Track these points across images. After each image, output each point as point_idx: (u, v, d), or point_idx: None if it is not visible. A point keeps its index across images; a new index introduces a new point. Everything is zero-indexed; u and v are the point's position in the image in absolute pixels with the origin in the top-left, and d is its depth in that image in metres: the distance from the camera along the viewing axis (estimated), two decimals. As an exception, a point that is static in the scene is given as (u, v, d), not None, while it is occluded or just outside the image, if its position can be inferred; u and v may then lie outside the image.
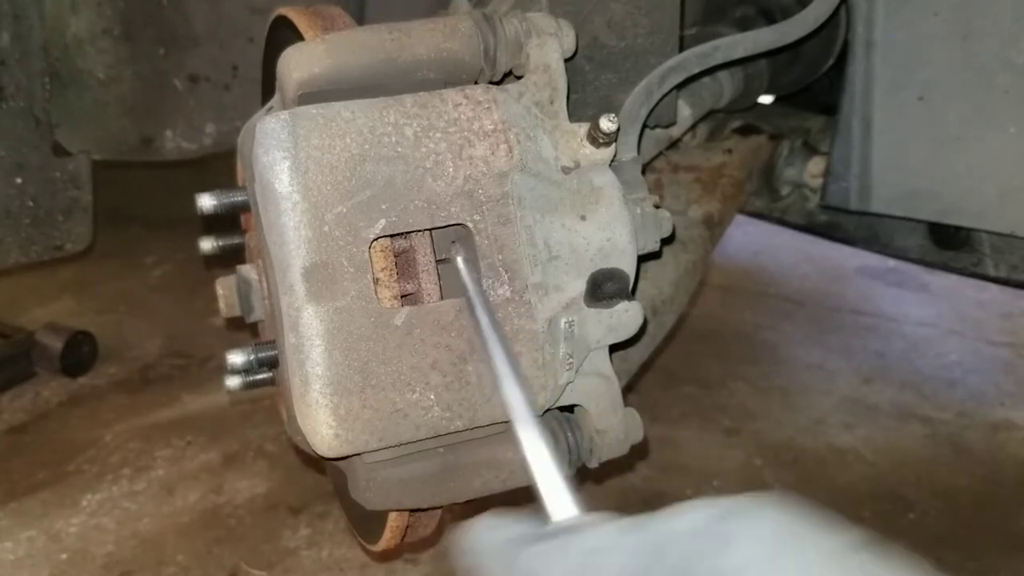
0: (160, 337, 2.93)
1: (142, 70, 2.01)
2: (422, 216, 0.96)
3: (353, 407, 0.94)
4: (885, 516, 2.10)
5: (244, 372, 1.09)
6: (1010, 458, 2.32)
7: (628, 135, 1.16)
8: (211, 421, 2.47)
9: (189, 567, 1.93)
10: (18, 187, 1.85)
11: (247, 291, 1.19)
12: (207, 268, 2.52)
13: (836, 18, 1.52)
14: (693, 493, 2.17)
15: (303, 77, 0.98)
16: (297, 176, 0.92)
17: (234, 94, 2.14)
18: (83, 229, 2.00)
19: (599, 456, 1.11)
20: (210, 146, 2.14)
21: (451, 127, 0.98)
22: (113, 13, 1.94)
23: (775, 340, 2.98)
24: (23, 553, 1.96)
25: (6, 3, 1.77)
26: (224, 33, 2.10)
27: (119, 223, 3.63)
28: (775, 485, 2.20)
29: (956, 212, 1.49)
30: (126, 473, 2.24)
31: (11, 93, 1.80)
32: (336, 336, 0.93)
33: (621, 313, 1.04)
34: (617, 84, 1.28)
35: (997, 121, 1.39)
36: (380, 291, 0.96)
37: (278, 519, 2.08)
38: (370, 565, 1.93)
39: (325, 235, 0.93)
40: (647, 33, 1.27)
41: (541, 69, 1.05)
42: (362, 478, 1.01)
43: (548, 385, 1.02)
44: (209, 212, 1.05)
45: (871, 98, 1.51)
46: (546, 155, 1.03)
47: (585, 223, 1.02)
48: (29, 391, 2.61)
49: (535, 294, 1.00)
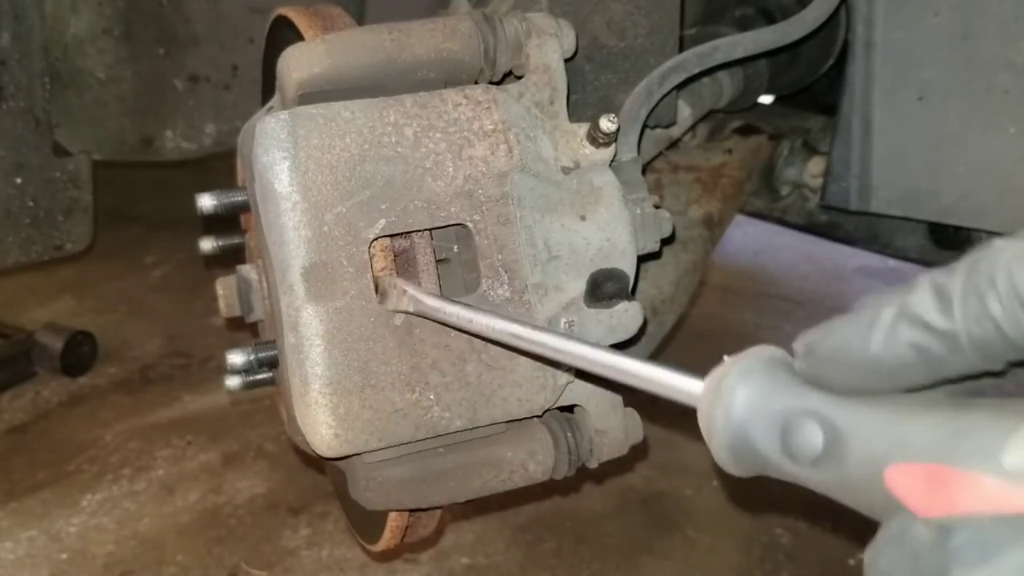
0: (160, 337, 2.93)
1: (142, 70, 2.01)
2: (422, 216, 0.96)
3: (353, 407, 0.94)
4: (885, 516, 2.10)
5: (244, 372, 1.09)
6: (1010, 458, 2.32)
7: (628, 135, 1.16)
8: (211, 421, 2.47)
9: (189, 567, 1.93)
10: (18, 187, 1.85)
11: (247, 291, 1.19)
12: (207, 268, 2.52)
13: (836, 18, 1.52)
14: (693, 493, 2.17)
15: (303, 77, 0.98)
16: (297, 176, 0.92)
17: (234, 94, 2.14)
18: (83, 229, 2.00)
19: (599, 456, 1.10)
20: (210, 146, 2.14)
21: (451, 127, 0.98)
22: (113, 13, 1.94)
23: (775, 340, 2.96)
24: (23, 553, 1.96)
25: (6, 3, 1.77)
26: (224, 33, 2.10)
27: (119, 223, 3.63)
28: (775, 485, 2.20)
29: (956, 212, 1.49)
30: (126, 473, 2.24)
31: (11, 93, 1.80)
32: (336, 336, 0.93)
33: (621, 313, 1.04)
34: (617, 84, 1.28)
35: (997, 121, 1.38)
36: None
37: (278, 519, 2.08)
38: (370, 565, 1.93)
39: (325, 235, 0.93)
40: (647, 33, 1.27)
41: (541, 69, 1.05)
42: (362, 478, 1.01)
43: (548, 385, 1.02)
44: (209, 212, 1.05)
45: (871, 98, 1.51)
46: (546, 155, 1.03)
47: (585, 223, 1.02)
48: (29, 391, 2.61)
49: (535, 294, 1.00)
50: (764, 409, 0.50)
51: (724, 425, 0.51)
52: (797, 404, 0.50)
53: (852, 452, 0.47)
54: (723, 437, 0.52)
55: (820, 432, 0.48)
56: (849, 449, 0.47)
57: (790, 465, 0.50)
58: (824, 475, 0.48)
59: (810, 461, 0.48)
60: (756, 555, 1.97)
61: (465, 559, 1.95)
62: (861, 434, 0.47)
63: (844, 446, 0.47)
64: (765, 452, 0.50)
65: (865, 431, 0.47)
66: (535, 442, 1.06)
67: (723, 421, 0.52)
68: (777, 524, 2.06)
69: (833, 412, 0.48)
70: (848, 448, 0.47)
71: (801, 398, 0.50)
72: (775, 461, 0.50)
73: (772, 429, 0.50)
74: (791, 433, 0.49)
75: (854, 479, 0.47)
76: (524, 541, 2.00)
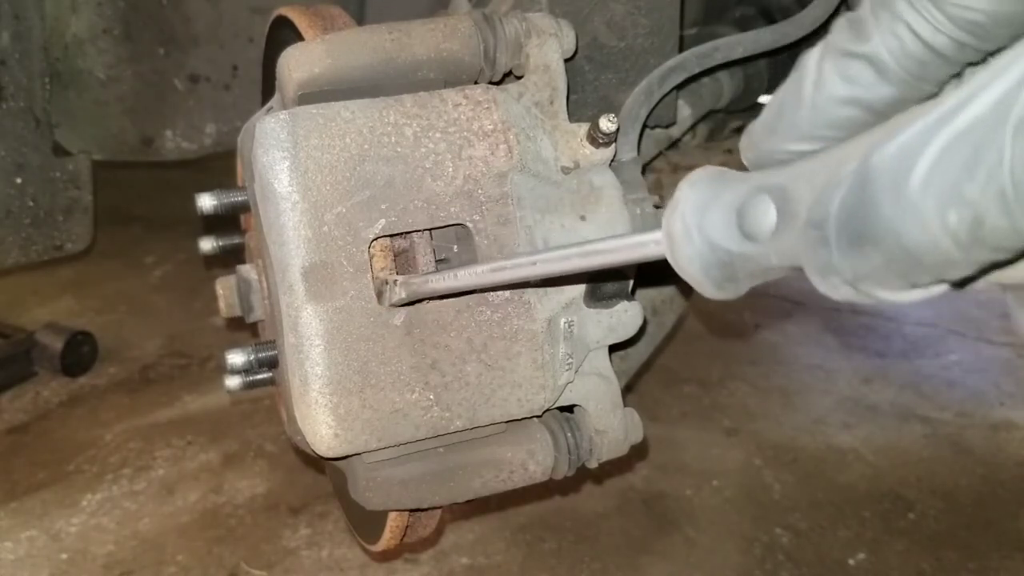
0: (160, 337, 2.93)
1: (142, 70, 2.01)
2: (422, 216, 0.96)
3: (353, 407, 0.94)
4: (885, 516, 2.10)
5: (244, 372, 1.09)
6: (1010, 458, 2.32)
7: (628, 135, 1.16)
8: (211, 421, 2.47)
9: (189, 567, 1.93)
10: (18, 187, 1.85)
11: (247, 291, 1.20)
12: (207, 268, 2.52)
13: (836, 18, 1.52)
14: (693, 493, 2.17)
15: (303, 77, 0.98)
16: (297, 176, 0.92)
17: (234, 94, 2.14)
18: (83, 229, 2.00)
19: (599, 456, 1.10)
20: (210, 146, 2.14)
21: (451, 127, 0.98)
22: (113, 13, 1.95)
23: (775, 340, 2.98)
24: (23, 553, 1.96)
25: (6, 3, 1.77)
26: (224, 33, 2.10)
27: (119, 223, 3.63)
28: (775, 485, 2.20)
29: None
30: (126, 473, 2.24)
31: (11, 93, 1.81)
32: (335, 336, 0.93)
33: (621, 313, 1.04)
34: (617, 84, 1.28)
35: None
36: (380, 291, 0.96)
37: (278, 519, 2.08)
38: (370, 565, 1.93)
39: (325, 235, 0.93)
40: (647, 33, 1.27)
41: (541, 69, 1.05)
42: (362, 478, 1.01)
43: (548, 385, 1.02)
44: (209, 212, 1.05)
45: (871, 98, 1.51)
46: (546, 155, 1.03)
47: (585, 223, 1.02)
48: (29, 391, 2.61)
49: (534, 294, 1.00)
50: (716, 203, 0.50)
51: (683, 234, 0.51)
52: (744, 187, 0.50)
53: (802, 201, 0.46)
54: (687, 249, 0.51)
55: (771, 202, 0.48)
56: (799, 200, 0.47)
57: (753, 248, 0.49)
58: (785, 241, 0.47)
59: (769, 234, 0.48)
60: (756, 555, 1.97)
61: (465, 559, 1.95)
62: (805, 184, 0.46)
63: (795, 203, 0.47)
64: (727, 245, 0.50)
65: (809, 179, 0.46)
66: (535, 442, 1.06)
67: (681, 232, 0.51)
68: (777, 524, 2.06)
69: (777, 178, 0.48)
70: (798, 201, 0.47)
71: (747, 181, 0.50)
72: (739, 250, 0.49)
73: (727, 218, 0.50)
74: (745, 215, 0.49)
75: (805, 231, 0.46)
76: (524, 541, 2.00)
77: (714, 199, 0.50)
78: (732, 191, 0.50)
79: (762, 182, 0.49)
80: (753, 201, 0.49)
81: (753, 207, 0.49)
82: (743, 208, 0.49)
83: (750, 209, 0.49)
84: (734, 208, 0.49)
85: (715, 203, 0.50)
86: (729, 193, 0.50)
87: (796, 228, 0.46)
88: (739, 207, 0.49)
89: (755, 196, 0.49)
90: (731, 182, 0.51)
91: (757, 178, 0.50)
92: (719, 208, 0.50)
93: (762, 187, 0.49)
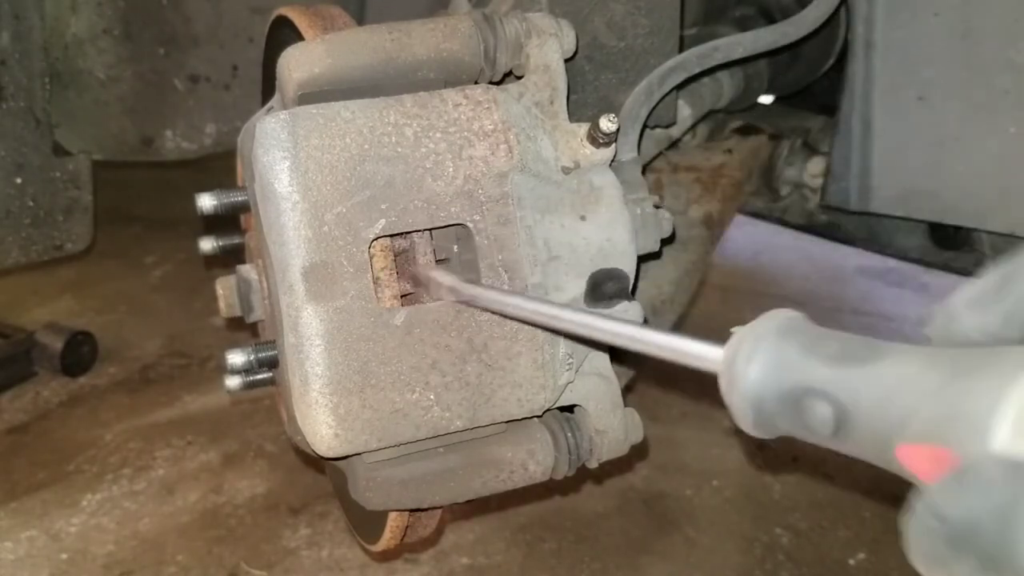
0: (160, 337, 2.93)
1: (142, 70, 2.01)
2: (422, 216, 0.96)
3: (353, 407, 0.94)
4: (885, 516, 2.10)
5: (244, 372, 1.09)
6: (1010, 458, 2.32)
7: (628, 135, 1.16)
8: (211, 421, 2.47)
9: (189, 567, 1.93)
10: (18, 187, 1.85)
11: (247, 291, 1.19)
12: (207, 268, 2.52)
13: (836, 18, 1.52)
14: (693, 493, 2.17)
15: (303, 77, 0.98)
16: (297, 176, 0.92)
17: (234, 94, 2.14)
18: (83, 229, 2.00)
19: (599, 456, 1.10)
20: (210, 146, 2.14)
21: (451, 127, 0.98)
22: (113, 13, 1.94)
23: (775, 340, 2.98)
24: (23, 553, 1.96)
25: (6, 3, 1.77)
26: (224, 33, 2.10)
27: (119, 223, 3.63)
28: (775, 485, 2.20)
29: (956, 212, 1.49)
30: (126, 473, 2.24)
31: (11, 93, 1.80)
32: (336, 336, 0.93)
33: (621, 313, 1.04)
34: (617, 84, 1.28)
35: (997, 121, 1.38)
36: (380, 291, 0.96)
37: (278, 519, 2.08)
38: (370, 565, 1.93)
39: (325, 235, 0.93)
40: (647, 33, 1.27)
41: (541, 69, 1.05)
42: (362, 478, 1.01)
43: (548, 385, 1.02)
44: (209, 212, 1.05)
45: (871, 98, 1.51)
46: (546, 155, 1.03)
47: (585, 223, 1.02)
48: (29, 391, 2.61)
49: (535, 294, 0.99)
50: (776, 388, 0.53)
51: (743, 406, 0.54)
52: (804, 382, 0.52)
53: (859, 429, 0.49)
54: (739, 401, 0.55)
55: (830, 410, 0.50)
56: (856, 427, 0.49)
57: (811, 436, 0.52)
58: (843, 445, 0.50)
59: (828, 434, 0.50)
60: (756, 555, 1.97)
61: (465, 559, 1.95)
62: (864, 414, 0.48)
63: (851, 424, 0.49)
64: (786, 428, 0.53)
65: (867, 411, 0.48)
66: (535, 442, 1.06)
67: (741, 403, 0.54)
68: (777, 524, 2.06)
69: (836, 391, 0.50)
70: (855, 426, 0.49)
71: (807, 374, 0.52)
72: (798, 433, 0.53)
73: (787, 407, 0.53)
74: (804, 412, 0.51)
75: (870, 452, 0.49)
76: (524, 541, 2.00)
77: (775, 383, 0.53)
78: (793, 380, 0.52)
79: (822, 388, 0.51)
80: (811, 402, 0.51)
81: (812, 409, 0.51)
82: (801, 405, 0.52)
83: (809, 409, 0.51)
84: (793, 400, 0.52)
85: (775, 388, 0.53)
86: (790, 382, 0.52)
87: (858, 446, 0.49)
88: (798, 401, 0.52)
89: (815, 398, 0.51)
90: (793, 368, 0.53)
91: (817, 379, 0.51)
92: (779, 396, 0.53)
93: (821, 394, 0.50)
